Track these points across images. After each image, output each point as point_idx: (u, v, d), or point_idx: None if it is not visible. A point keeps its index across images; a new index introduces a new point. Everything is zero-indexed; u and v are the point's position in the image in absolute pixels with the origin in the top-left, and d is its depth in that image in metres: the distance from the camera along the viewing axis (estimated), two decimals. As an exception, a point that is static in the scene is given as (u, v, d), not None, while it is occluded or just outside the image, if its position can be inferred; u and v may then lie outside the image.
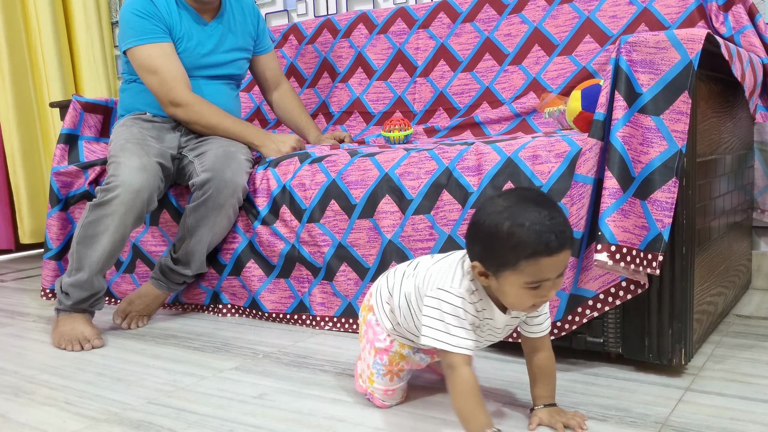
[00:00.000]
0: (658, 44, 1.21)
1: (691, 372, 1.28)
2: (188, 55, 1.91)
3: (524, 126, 1.95)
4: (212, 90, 1.96)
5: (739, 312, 1.70)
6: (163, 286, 1.83)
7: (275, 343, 1.60)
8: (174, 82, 1.84)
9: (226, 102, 1.99)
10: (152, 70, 1.85)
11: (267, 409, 1.19)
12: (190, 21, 1.92)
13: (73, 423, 1.17)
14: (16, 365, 1.52)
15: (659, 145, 1.19)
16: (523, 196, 0.94)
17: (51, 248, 2.11)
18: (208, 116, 1.86)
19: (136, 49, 1.86)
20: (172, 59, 1.86)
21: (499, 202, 0.94)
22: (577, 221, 1.25)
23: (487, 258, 0.94)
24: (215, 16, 1.97)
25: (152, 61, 1.84)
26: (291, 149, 1.86)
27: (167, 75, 1.84)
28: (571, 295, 1.29)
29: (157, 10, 1.86)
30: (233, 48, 2.00)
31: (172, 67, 1.85)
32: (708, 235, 1.42)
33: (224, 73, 1.99)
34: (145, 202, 1.69)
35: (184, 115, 1.86)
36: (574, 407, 1.13)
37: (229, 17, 2.00)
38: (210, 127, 1.87)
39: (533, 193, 0.96)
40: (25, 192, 3.01)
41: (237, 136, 1.87)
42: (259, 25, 2.09)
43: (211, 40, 1.95)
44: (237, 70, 2.03)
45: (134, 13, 1.85)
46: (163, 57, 1.85)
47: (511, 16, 2.08)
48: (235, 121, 1.90)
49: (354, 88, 2.33)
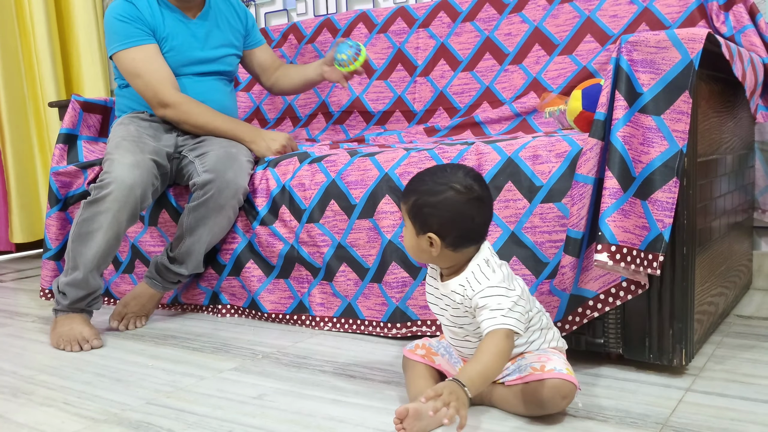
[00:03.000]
0: (659, 44, 1.20)
1: (692, 372, 1.28)
2: (175, 53, 1.90)
3: (525, 126, 1.94)
4: (205, 87, 1.95)
5: (740, 312, 1.70)
6: (158, 285, 1.82)
7: (275, 344, 1.60)
8: (159, 83, 1.84)
9: (221, 98, 1.98)
10: (137, 74, 1.85)
11: (266, 410, 1.19)
12: (174, 20, 1.92)
13: (72, 423, 1.17)
14: (14, 365, 1.51)
15: (660, 144, 1.19)
16: None
17: (50, 248, 2.11)
18: (197, 115, 1.86)
19: (120, 53, 1.86)
20: (156, 61, 1.86)
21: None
22: (578, 221, 1.25)
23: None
24: (199, 13, 1.97)
25: (136, 65, 1.85)
26: (281, 146, 1.86)
27: (152, 77, 1.84)
28: (572, 295, 1.29)
29: (139, 12, 1.86)
30: (221, 44, 2.00)
31: (156, 68, 1.85)
32: (709, 236, 1.42)
33: (214, 69, 1.98)
34: (139, 198, 1.68)
35: (174, 115, 1.86)
36: (574, 407, 1.13)
37: (215, 14, 2.00)
38: (200, 126, 1.87)
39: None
40: (16, 192, 3.01)
41: (228, 134, 1.87)
42: (248, 21, 2.10)
43: (197, 37, 1.95)
44: (227, 66, 2.02)
45: (116, 18, 1.86)
46: (147, 60, 1.85)
47: (511, 15, 2.08)
48: (226, 119, 1.89)
49: (354, 88, 2.33)
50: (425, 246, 1.08)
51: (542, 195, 1.37)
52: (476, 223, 1.07)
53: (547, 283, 1.35)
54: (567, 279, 1.27)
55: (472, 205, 1.06)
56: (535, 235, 1.38)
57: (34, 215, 3.09)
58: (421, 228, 1.08)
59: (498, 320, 1.03)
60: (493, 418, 1.11)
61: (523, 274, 1.38)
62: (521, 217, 1.39)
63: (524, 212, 1.39)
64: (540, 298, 1.36)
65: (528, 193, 1.38)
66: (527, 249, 1.38)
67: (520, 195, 1.39)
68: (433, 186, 1.07)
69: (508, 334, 1.03)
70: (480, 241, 1.10)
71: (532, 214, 1.38)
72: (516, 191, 1.40)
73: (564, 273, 1.27)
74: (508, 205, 1.41)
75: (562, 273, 1.27)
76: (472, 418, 1.10)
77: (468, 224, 1.06)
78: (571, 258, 1.25)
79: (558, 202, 1.35)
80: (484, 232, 1.10)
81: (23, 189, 3.04)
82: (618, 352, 1.32)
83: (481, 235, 1.10)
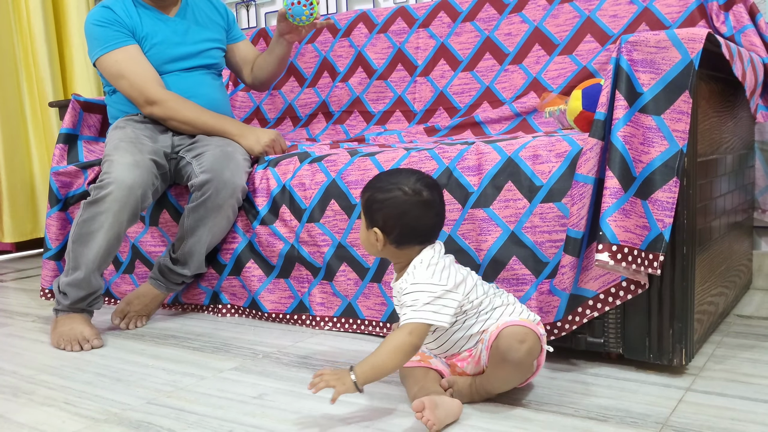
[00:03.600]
0: (659, 44, 1.20)
1: (692, 372, 1.28)
2: (156, 51, 1.91)
3: (525, 126, 1.94)
4: (192, 81, 1.95)
5: (740, 312, 1.70)
6: (162, 287, 1.83)
7: (275, 344, 1.60)
8: (144, 82, 1.84)
9: (209, 92, 1.98)
10: (121, 75, 1.85)
11: (267, 410, 1.19)
12: (152, 18, 1.93)
13: (73, 423, 1.17)
14: (15, 365, 1.51)
15: (660, 144, 1.19)
16: None
17: (50, 248, 2.11)
18: (184, 111, 1.86)
19: (102, 58, 1.87)
20: (138, 61, 1.86)
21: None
22: (578, 221, 1.25)
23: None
24: (176, 11, 1.98)
25: (120, 66, 1.85)
26: (270, 140, 1.86)
27: (136, 77, 1.84)
28: (572, 295, 1.29)
29: (116, 15, 1.87)
30: (202, 39, 2.00)
31: (140, 68, 1.85)
32: (709, 235, 1.42)
33: (199, 63, 1.98)
34: (139, 198, 1.68)
35: (160, 112, 1.86)
36: (575, 407, 1.13)
37: (194, 10, 2.01)
38: (187, 122, 1.87)
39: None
40: (7, 191, 3.01)
41: (216, 130, 1.87)
42: (228, 17, 2.11)
43: (177, 33, 1.95)
44: (211, 59, 2.02)
45: (94, 24, 1.87)
46: (130, 60, 1.85)
47: (511, 15, 2.08)
48: (213, 115, 1.89)
49: (354, 88, 2.33)
50: (372, 240, 1.16)
51: (542, 195, 1.37)
52: (420, 224, 1.14)
53: (547, 283, 1.35)
54: (567, 279, 1.27)
55: (416, 207, 1.12)
56: (535, 235, 1.38)
57: (25, 215, 3.09)
58: (369, 222, 1.16)
59: (406, 316, 1.09)
60: (490, 416, 1.11)
61: (523, 274, 1.38)
62: (521, 217, 1.39)
63: (524, 212, 1.39)
64: (540, 297, 1.36)
65: (528, 193, 1.38)
66: (527, 249, 1.39)
67: (520, 195, 1.39)
68: (385, 185, 1.15)
69: (411, 330, 1.07)
70: (425, 243, 1.15)
71: (532, 213, 1.38)
72: (516, 191, 1.40)
73: (564, 273, 1.27)
74: (508, 205, 1.41)
75: (562, 273, 1.27)
76: (469, 417, 1.10)
77: (411, 224, 1.13)
78: (571, 258, 1.25)
79: (558, 202, 1.35)
80: (431, 234, 1.16)
81: (13, 189, 3.03)
82: (618, 352, 1.32)
83: (427, 236, 1.16)
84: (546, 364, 1.35)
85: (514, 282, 1.40)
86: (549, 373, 1.31)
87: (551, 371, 1.31)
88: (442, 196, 1.17)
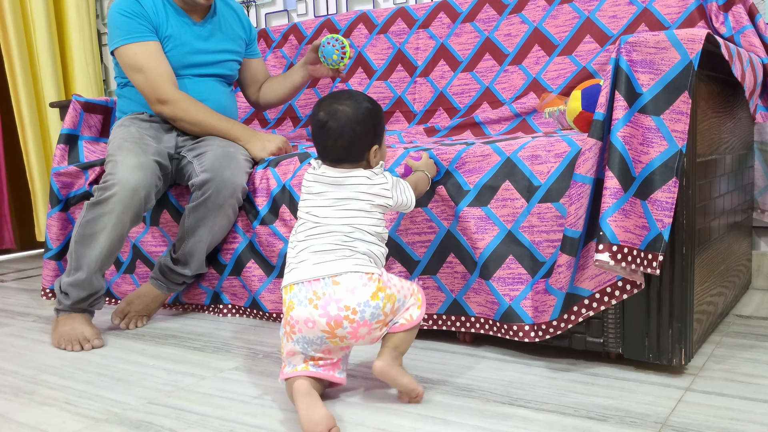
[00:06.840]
0: (658, 44, 1.21)
1: (691, 372, 1.28)
2: (176, 53, 1.91)
3: (524, 126, 1.95)
4: (204, 86, 1.96)
5: (739, 312, 1.70)
6: (163, 287, 1.83)
7: (275, 343, 1.60)
8: (160, 79, 1.84)
9: (220, 98, 1.99)
10: (138, 68, 1.85)
11: (267, 409, 1.19)
12: (178, 20, 1.93)
13: (73, 423, 1.17)
14: (16, 365, 1.52)
15: (659, 145, 1.19)
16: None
17: (51, 248, 2.11)
18: (194, 113, 1.86)
19: (122, 48, 1.86)
20: (158, 57, 1.86)
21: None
22: (575, 221, 1.25)
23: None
24: (205, 17, 1.98)
25: (138, 59, 1.85)
26: (277, 148, 1.86)
27: (153, 73, 1.84)
28: (568, 294, 1.29)
29: (143, 9, 1.87)
30: (223, 50, 2.00)
31: (158, 64, 1.85)
32: (708, 235, 1.42)
33: (214, 72, 1.99)
34: (143, 200, 1.69)
35: (170, 112, 1.86)
36: (575, 407, 1.13)
37: (220, 19, 2.01)
38: (196, 124, 1.87)
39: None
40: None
41: (223, 133, 1.87)
42: (251, 32, 2.12)
43: (200, 39, 1.95)
44: (227, 70, 2.03)
45: (120, 13, 1.86)
46: (149, 55, 1.85)
47: (511, 16, 2.08)
48: (222, 119, 1.90)
49: (354, 88, 2.33)
50: None
51: (540, 195, 1.37)
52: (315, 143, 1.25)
53: (543, 282, 1.36)
54: (563, 278, 1.28)
55: (313, 125, 1.25)
56: (532, 235, 1.38)
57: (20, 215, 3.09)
58: None
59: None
60: (490, 416, 1.11)
61: (519, 273, 1.39)
62: (518, 217, 1.39)
63: (522, 212, 1.39)
64: (535, 296, 1.36)
65: (526, 193, 1.39)
66: (524, 248, 1.39)
67: (518, 194, 1.39)
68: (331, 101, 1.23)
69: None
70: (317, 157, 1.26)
71: (530, 213, 1.38)
72: (514, 191, 1.40)
73: (560, 272, 1.27)
74: (505, 204, 1.41)
75: (559, 272, 1.28)
76: (470, 416, 1.10)
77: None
78: (568, 257, 1.26)
79: (556, 202, 1.35)
80: (318, 151, 1.24)
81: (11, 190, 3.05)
82: (617, 352, 1.32)
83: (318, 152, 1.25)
84: (546, 363, 1.36)
85: (511, 281, 1.40)
86: (549, 373, 1.31)
87: (551, 371, 1.32)
88: (338, 122, 1.20)
